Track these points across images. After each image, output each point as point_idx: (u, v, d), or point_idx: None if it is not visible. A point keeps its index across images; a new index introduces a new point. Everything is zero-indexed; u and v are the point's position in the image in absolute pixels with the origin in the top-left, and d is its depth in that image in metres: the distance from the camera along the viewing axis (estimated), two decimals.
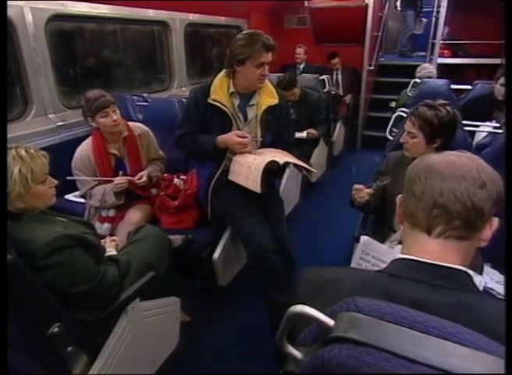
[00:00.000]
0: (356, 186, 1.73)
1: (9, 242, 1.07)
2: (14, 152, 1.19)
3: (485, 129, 2.33)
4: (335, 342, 0.51)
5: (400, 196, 0.79)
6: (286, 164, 1.88)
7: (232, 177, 1.89)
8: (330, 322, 0.54)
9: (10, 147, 1.20)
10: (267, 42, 1.73)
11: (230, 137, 1.83)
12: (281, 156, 1.83)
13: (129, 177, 2.06)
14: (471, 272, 0.69)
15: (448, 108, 1.58)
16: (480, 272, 1.40)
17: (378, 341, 0.49)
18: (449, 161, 0.71)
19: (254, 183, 1.73)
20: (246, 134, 1.83)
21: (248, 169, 1.78)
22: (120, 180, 2.01)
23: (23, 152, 1.21)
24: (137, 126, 2.22)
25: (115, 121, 1.99)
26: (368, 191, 1.72)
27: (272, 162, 1.76)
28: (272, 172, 1.83)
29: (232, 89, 1.85)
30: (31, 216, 1.23)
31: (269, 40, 1.75)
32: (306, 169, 1.93)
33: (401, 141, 1.72)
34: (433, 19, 5.29)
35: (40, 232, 1.16)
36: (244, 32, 1.81)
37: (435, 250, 0.69)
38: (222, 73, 1.88)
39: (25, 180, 1.19)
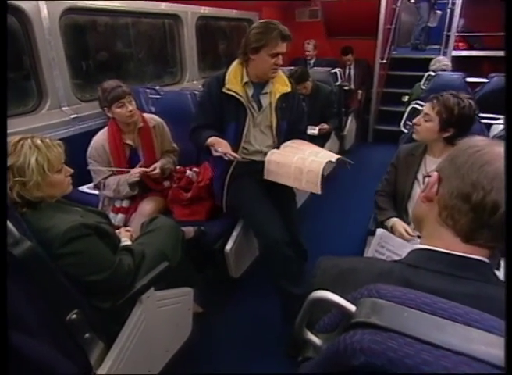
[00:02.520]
0: None
1: (28, 230, 1.09)
2: (30, 142, 1.20)
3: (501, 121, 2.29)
4: (356, 328, 0.51)
5: (435, 174, 0.72)
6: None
7: (272, 177, 1.91)
8: (352, 307, 0.54)
9: (26, 137, 1.21)
10: (283, 32, 1.73)
11: (218, 143, 1.79)
12: (324, 154, 1.88)
13: (145, 169, 2.07)
14: None
15: (471, 101, 1.57)
16: (497, 267, 1.38)
17: (400, 327, 0.49)
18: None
19: (311, 185, 1.78)
20: (227, 152, 1.76)
21: (299, 170, 1.81)
22: (134, 171, 2.04)
23: (38, 142, 1.22)
24: (152, 118, 2.24)
25: (130, 111, 2.02)
26: None
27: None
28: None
29: (246, 79, 1.85)
30: (49, 205, 1.24)
31: (286, 30, 1.75)
32: (344, 161, 1.92)
33: (414, 121, 1.71)
34: (448, 10, 5.19)
35: (57, 221, 1.18)
36: (261, 21, 1.81)
37: (456, 241, 0.68)
38: (236, 62, 1.88)
39: (42, 170, 1.20)
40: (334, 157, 1.84)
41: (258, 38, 1.73)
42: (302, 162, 1.80)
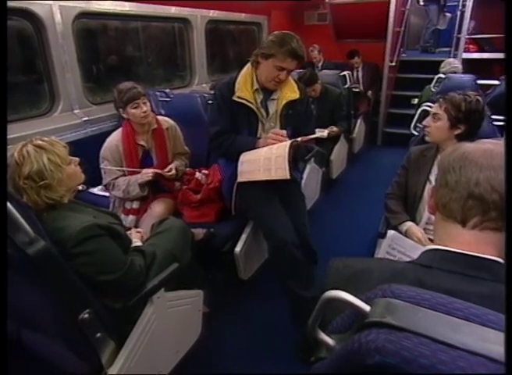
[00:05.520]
0: None
1: (43, 230, 1.11)
2: (32, 146, 1.22)
3: None
4: (371, 327, 0.51)
5: (431, 186, 0.78)
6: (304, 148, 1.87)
7: (244, 178, 1.87)
8: (366, 307, 0.54)
9: (24, 144, 1.23)
10: (295, 50, 1.71)
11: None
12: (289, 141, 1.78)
13: (158, 170, 2.10)
14: None
15: (478, 97, 1.56)
16: None
17: (415, 326, 0.49)
18: (485, 150, 0.69)
19: (280, 171, 1.70)
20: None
21: (267, 160, 1.76)
22: (147, 171, 2.06)
23: (40, 142, 1.24)
24: (166, 120, 2.27)
25: (144, 112, 2.05)
26: None
27: (292, 144, 1.73)
28: (296, 157, 1.82)
29: (256, 86, 1.86)
30: (63, 205, 1.27)
31: (299, 48, 1.73)
32: (320, 152, 1.89)
33: (423, 123, 1.70)
34: (458, 13, 5.15)
35: (71, 221, 1.20)
36: (283, 31, 1.78)
37: (469, 241, 0.68)
38: (247, 67, 1.89)
39: (58, 165, 1.24)
40: (298, 139, 1.78)
41: (270, 46, 1.73)
42: (270, 152, 1.76)
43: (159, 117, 2.26)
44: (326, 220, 3.16)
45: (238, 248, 2.04)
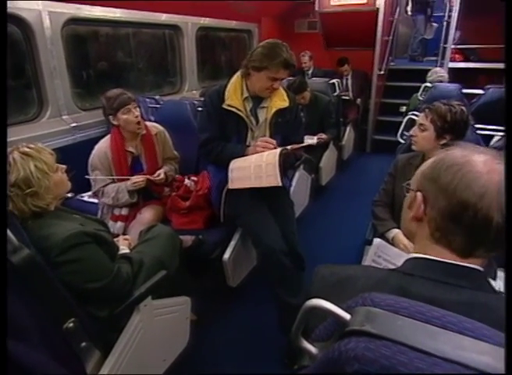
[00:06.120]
0: None
1: (27, 238, 1.10)
2: (19, 154, 1.20)
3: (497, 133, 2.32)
4: (351, 336, 0.52)
5: (419, 194, 0.73)
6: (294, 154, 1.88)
7: (235, 185, 1.86)
8: (346, 316, 0.54)
9: (11, 151, 1.21)
10: (287, 60, 1.73)
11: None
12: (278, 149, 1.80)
13: (147, 175, 2.10)
14: None
15: (462, 107, 1.61)
16: (493, 277, 1.39)
17: (394, 335, 0.49)
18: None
19: (271, 179, 1.70)
20: None
21: (258, 168, 1.76)
22: (138, 178, 2.05)
23: (27, 150, 1.23)
24: (154, 126, 2.27)
25: (136, 117, 2.05)
26: None
27: (282, 152, 1.73)
28: (285, 164, 1.82)
29: (246, 94, 1.87)
30: (50, 213, 1.26)
31: (291, 57, 1.74)
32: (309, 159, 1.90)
33: (411, 133, 1.74)
34: (444, 23, 5.27)
35: (57, 228, 1.19)
36: (270, 41, 1.79)
37: (453, 256, 0.69)
38: (237, 75, 1.90)
39: (45, 173, 1.23)
40: (288, 147, 1.80)
41: (261, 59, 1.74)
42: (260, 159, 1.77)
43: (148, 123, 2.26)
44: (315, 227, 3.18)
45: (227, 255, 2.03)
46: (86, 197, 2.43)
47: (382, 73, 5.10)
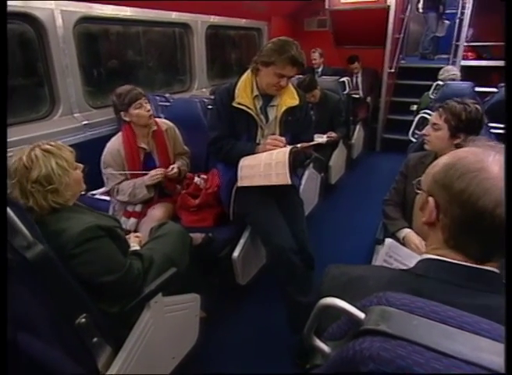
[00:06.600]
0: None
1: (41, 233, 1.11)
2: (40, 150, 1.23)
3: None
4: (365, 335, 0.52)
5: (431, 199, 0.71)
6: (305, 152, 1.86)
7: (244, 183, 1.87)
8: (361, 315, 0.54)
9: (32, 147, 1.24)
10: (295, 57, 1.72)
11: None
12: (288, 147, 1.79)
13: (162, 169, 2.11)
14: None
15: (477, 105, 1.58)
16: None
17: (409, 335, 0.49)
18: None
19: (281, 177, 1.71)
20: None
21: (267, 166, 1.76)
22: (156, 172, 2.07)
23: (48, 147, 1.25)
24: (164, 122, 2.29)
25: (148, 111, 2.07)
26: None
27: (292, 150, 1.74)
28: (295, 162, 1.82)
29: (256, 92, 1.87)
30: (66, 207, 1.28)
31: (299, 55, 1.74)
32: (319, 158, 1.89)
33: (423, 132, 1.71)
34: (457, 20, 5.19)
35: (74, 222, 1.21)
36: (282, 38, 1.79)
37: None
38: (247, 73, 1.90)
39: (65, 170, 1.25)
40: (298, 146, 1.79)
41: (270, 54, 1.74)
42: (270, 157, 1.77)
43: (158, 119, 2.28)
44: (324, 226, 3.17)
45: (236, 253, 2.04)
46: (98, 194, 2.45)
47: (392, 71, 5.05)
